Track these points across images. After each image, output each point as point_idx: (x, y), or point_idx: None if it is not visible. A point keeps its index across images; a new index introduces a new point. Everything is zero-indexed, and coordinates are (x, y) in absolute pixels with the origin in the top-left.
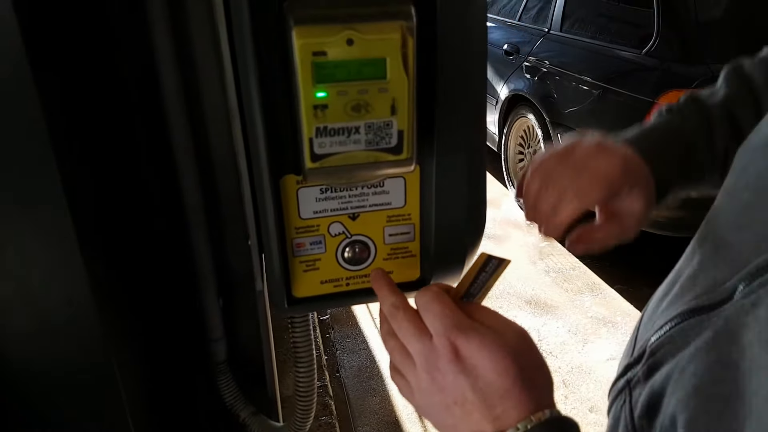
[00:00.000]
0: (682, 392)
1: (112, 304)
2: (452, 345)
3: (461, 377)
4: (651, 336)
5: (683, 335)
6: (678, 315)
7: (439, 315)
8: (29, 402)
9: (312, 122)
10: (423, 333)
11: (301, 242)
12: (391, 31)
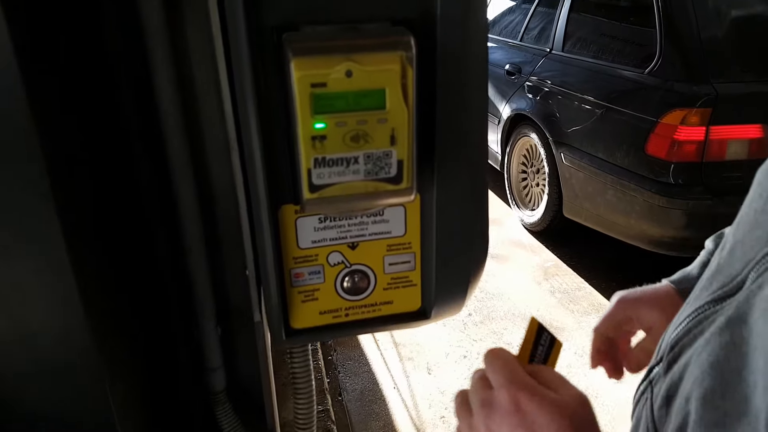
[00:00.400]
0: (697, 371)
1: (110, 337)
2: (513, 398)
3: (518, 431)
4: (671, 334)
5: (699, 326)
6: (695, 310)
7: (501, 368)
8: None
9: (310, 153)
10: (485, 384)
11: (300, 272)
12: (391, 62)
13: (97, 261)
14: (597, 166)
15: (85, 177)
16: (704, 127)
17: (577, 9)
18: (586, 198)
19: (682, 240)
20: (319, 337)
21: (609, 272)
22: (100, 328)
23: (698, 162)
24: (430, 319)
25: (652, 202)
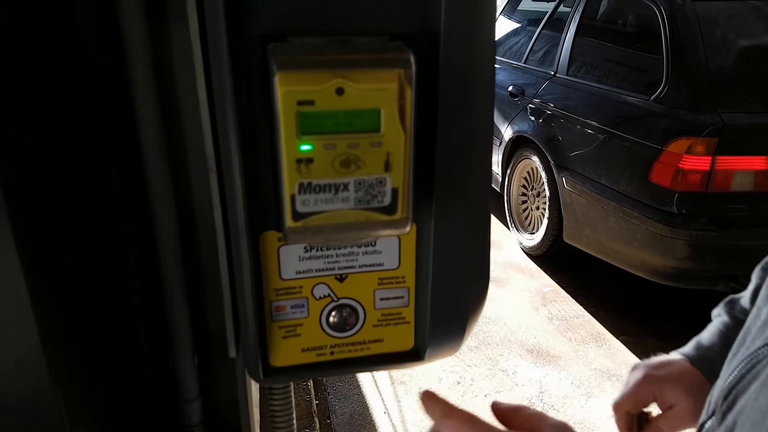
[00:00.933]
0: (757, 414)
1: (71, 368)
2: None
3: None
4: (723, 384)
5: (753, 370)
6: (748, 356)
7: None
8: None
9: (295, 177)
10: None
11: (281, 305)
12: (387, 81)
13: (59, 284)
14: (599, 192)
15: (46, 189)
16: (710, 157)
17: (582, 33)
18: (588, 224)
19: (684, 271)
20: (301, 376)
21: (608, 300)
22: (59, 359)
23: (703, 192)
24: (423, 360)
25: (654, 231)
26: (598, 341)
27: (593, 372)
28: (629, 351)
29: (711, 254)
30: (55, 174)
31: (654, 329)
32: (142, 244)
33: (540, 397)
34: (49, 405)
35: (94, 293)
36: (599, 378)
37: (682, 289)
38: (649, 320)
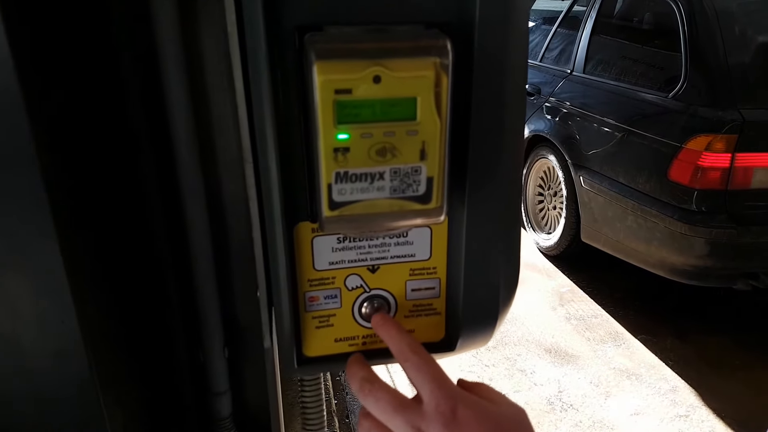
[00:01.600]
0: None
1: (109, 362)
2: (450, 410)
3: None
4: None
5: None
6: None
7: (436, 378)
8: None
9: (332, 167)
10: (406, 402)
11: (315, 296)
12: (424, 68)
13: (96, 279)
14: (617, 190)
15: (87, 190)
16: (730, 154)
17: (599, 31)
18: (606, 223)
19: (703, 269)
20: (333, 367)
21: (627, 300)
22: (98, 351)
23: (722, 189)
24: (455, 350)
25: (673, 230)
26: (617, 340)
27: (612, 371)
28: (648, 350)
29: (731, 252)
30: (93, 172)
31: (673, 328)
32: (173, 239)
33: (559, 396)
34: (87, 396)
35: (129, 289)
36: (618, 377)
37: (701, 288)
38: (668, 319)
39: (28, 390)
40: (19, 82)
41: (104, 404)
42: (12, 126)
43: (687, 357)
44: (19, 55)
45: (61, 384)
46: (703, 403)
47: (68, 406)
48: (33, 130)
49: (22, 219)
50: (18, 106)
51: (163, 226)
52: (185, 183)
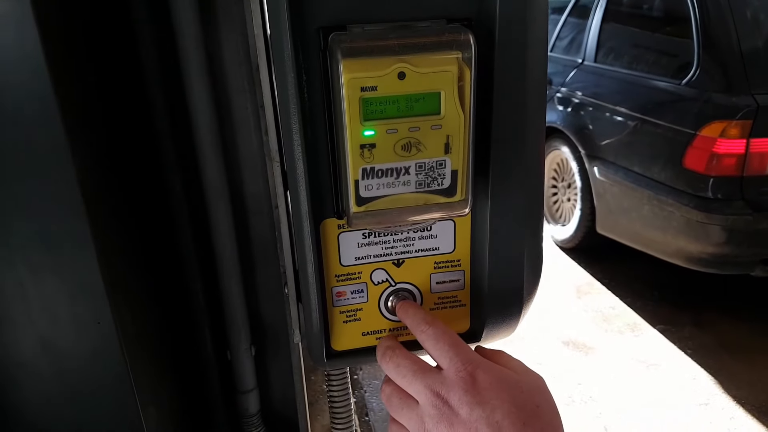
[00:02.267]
0: None
1: (142, 360)
2: (470, 375)
3: (477, 409)
4: None
5: None
6: None
7: (454, 345)
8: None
9: (359, 163)
10: (426, 368)
11: (342, 291)
12: (447, 64)
13: (129, 281)
14: (632, 180)
15: (118, 194)
16: (744, 140)
17: (609, 19)
18: (621, 213)
19: (721, 257)
20: (362, 360)
21: (645, 290)
22: (132, 351)
23: (738, 176)
24: (480, 341)
25: (689, 218)
26: (635, 331)
27: (631, 362)
28: (667, 339)
29: (748, 239)
30: (122, 177)
31: (691, 317)
32: (198, 240)
33: (578, 388)
34: (122, 396)
35: (159, 290)
36: (637, 368)
37: (719, 276)
38: (686, 308)
39: (65, 389)
40: (55, 93)
41: (139, 403)
42: (49, 134)
43: (706, 345)
44: (54, 67)
45: (96, 384)
46: (723, 390)
47: (104, 404)
48: (69, 138)
49: (58, 222)
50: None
51: (188, 227)
52: (209, 183)
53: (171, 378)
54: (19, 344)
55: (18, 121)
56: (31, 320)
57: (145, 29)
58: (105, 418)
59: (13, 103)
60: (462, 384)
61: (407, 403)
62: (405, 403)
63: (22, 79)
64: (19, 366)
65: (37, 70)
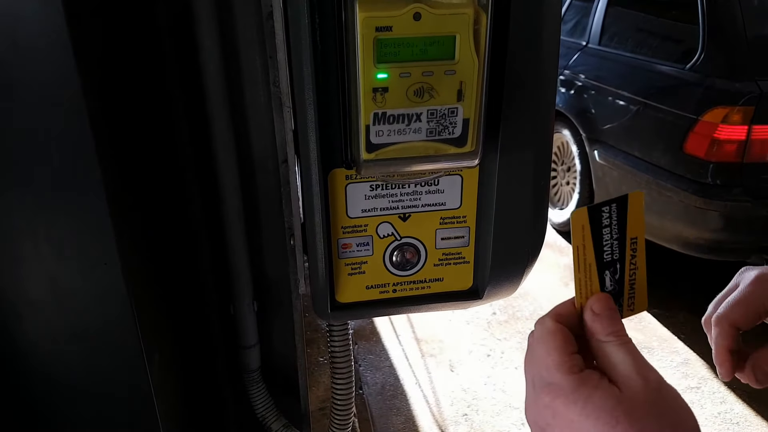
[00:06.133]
0: None
1: (147, 304)
2: (551, 404)
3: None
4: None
5: None
6: None
7: (540, 362)
8: (58, 412)
9: (371, 107)
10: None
11: (348, 243)
12: (464, 6)
13: (138, 225)
14: (632, 164)
15: (128, 140)
16: (746, 126)
17: (615, 3)
18: None
19: (718, 243)
20: (365, 314)
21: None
22: (138, 295)
23: (739, 162)
24: (482, 299)
25: (688, 203)
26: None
27: None
28: (660, 324)
29: (746, 226)
30: (131, 124)
31: (686, 303)
32: (206, 195)
33: None
34: (128, 337)
35: (166, 239)
36: None
37: (714, 262)
38: (681, 294)
39: (71, 329)
40: (85, 98)
41: (143, 346)
42: (63, 77)
43: (699, 330)
44: (82, 65)
45: (102, 325)
46: (714, 375)
47: (109, 345)
48: (81, 80)
49: (69, 164)
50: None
51: (195, 180)
52: (216, 137)
53: (175, 327)
54: (27, 282)
55: (28, 60)
56: (41, 259)
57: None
58: (109, 360)
59: (27, 45)
60: (544, 413)
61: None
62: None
63: (34, 17)
64: (26, 304)
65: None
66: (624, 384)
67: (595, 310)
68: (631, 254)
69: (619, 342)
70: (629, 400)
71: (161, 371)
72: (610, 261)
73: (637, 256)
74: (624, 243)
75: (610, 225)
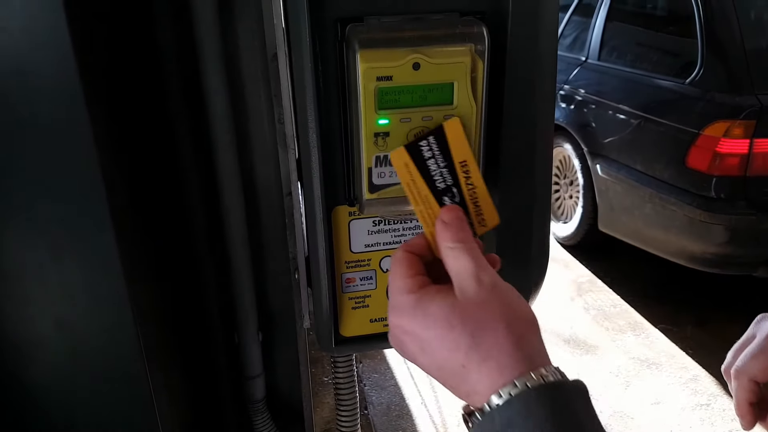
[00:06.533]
0: None
1: (155, 343)
2: (399, 324)
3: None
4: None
5: None
6: None
7: (389, 289)
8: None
9: (372, 150)
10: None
11: (351, 277)
12: (461, 55)
13: (146, 263)
14: (635, 178)
15: (136, 180)
16: (748, 140)
17: (613, 18)
18: (623, 211)
19: (723, 257)
20: (369, 347)
21: (646, 289)
22: (146, 333)
23: (741, 176)
24: None
25: (692, 217)
26: (636, 330)
27: (631, 361)
28: (668, 339)
29: (750, 239)
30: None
31: (693, 317)
32: (211, 227)
33: None
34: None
35: (172, 274)
36: (638, 367)
37: (722, 276)
38: (688, 308)
39: (80, 369)
40: (81, 78)
41: (151, 384)
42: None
43: (707, 346)
44: (82, 65)
45: (111, 364)
46: (724, 391)
47: (117, 384)
48: (91, 123)
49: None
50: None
51: (201, 213)
52: (221, 170)
53: (181, 361)
54: (36, 323)
55: (42, 107)
56: (50, 300)
57: (165, 18)
58: (118, 398)
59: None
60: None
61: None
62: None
63: (47, 65)
64: (36, 344)
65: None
66: (459, 288)
67: (445, 219)
68: (465, 176)
69: (463, 248)
70: (462, 304)
71: (169, 406)
72: (444, 188)
73: (471, 177)
74: (453, 168)
75: (433, 156)
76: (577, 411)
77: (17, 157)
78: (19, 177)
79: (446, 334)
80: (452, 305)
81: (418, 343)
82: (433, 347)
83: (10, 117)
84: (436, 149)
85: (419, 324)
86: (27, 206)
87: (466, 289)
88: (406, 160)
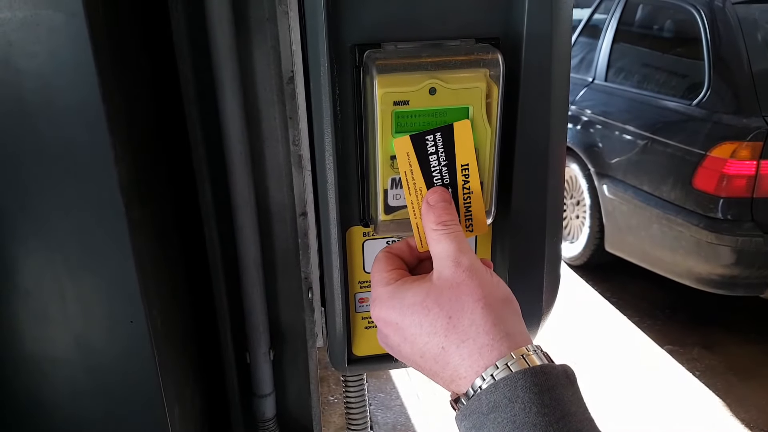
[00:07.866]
0: None
1: (170, 361)
2: (380, 316)
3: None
4: None
5: None
6: None
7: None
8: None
9: (388, 173)
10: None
11: (365, 297)
12: (476, 80)
13: (162, 282)
14: (641, 199)
15: (154, 200)
16: (755, 161)
17: (620, 39)
18: (630, 232)
19: (730, 278)
20: (381, 366)
21: (652, 310)
22: (161, 351)
23: (748, 197)
24: None
25: (699, 238)
26: (643, 351)
27: (638, 382)
28: (674, 360)
29: (758, 260)
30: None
31: (700, 338)
32: (225, 247)
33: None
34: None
35: (187, 293)
36: (644, 388)
37: (728, 297)
38: (695, 329)
39: (96, 386)
40: (102, 98)
41: (165, 401)
42: (91, 137)
43: (714, 367)
44: (104, 89)
45: (126, 381)
46: (731, 413)
47: (132, 402)
48: (111, 141)
49: (97, 224)
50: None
51: (215, 233)
52: (235, 191)
53: (194, 379)
54: (54, 341)
55: (62, 123)
56: (67, 318)
57: (183, 41)
58: (133, 416)
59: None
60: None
61: None
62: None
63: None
64: (53, 362)
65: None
66: (437, 271)
67: (430, 201)
68: (463, 179)
69: (447, 231)
70: (438, 287)
71: (182, 423)
72: (440, 185)
73: (470, 181)
74: (454, 168)
75: (436, 152)
76: (563, 396)
77: (40, 176)
78: (40, 196)
79: (423, 319)
80: (427, 290)
81: (400, 332)
82: (413, 334)
83: (34, 137)
84: (441, 146)
85: (397, 312)
86: (47, 224)
87: (443, 272)
88: (409, 149)
